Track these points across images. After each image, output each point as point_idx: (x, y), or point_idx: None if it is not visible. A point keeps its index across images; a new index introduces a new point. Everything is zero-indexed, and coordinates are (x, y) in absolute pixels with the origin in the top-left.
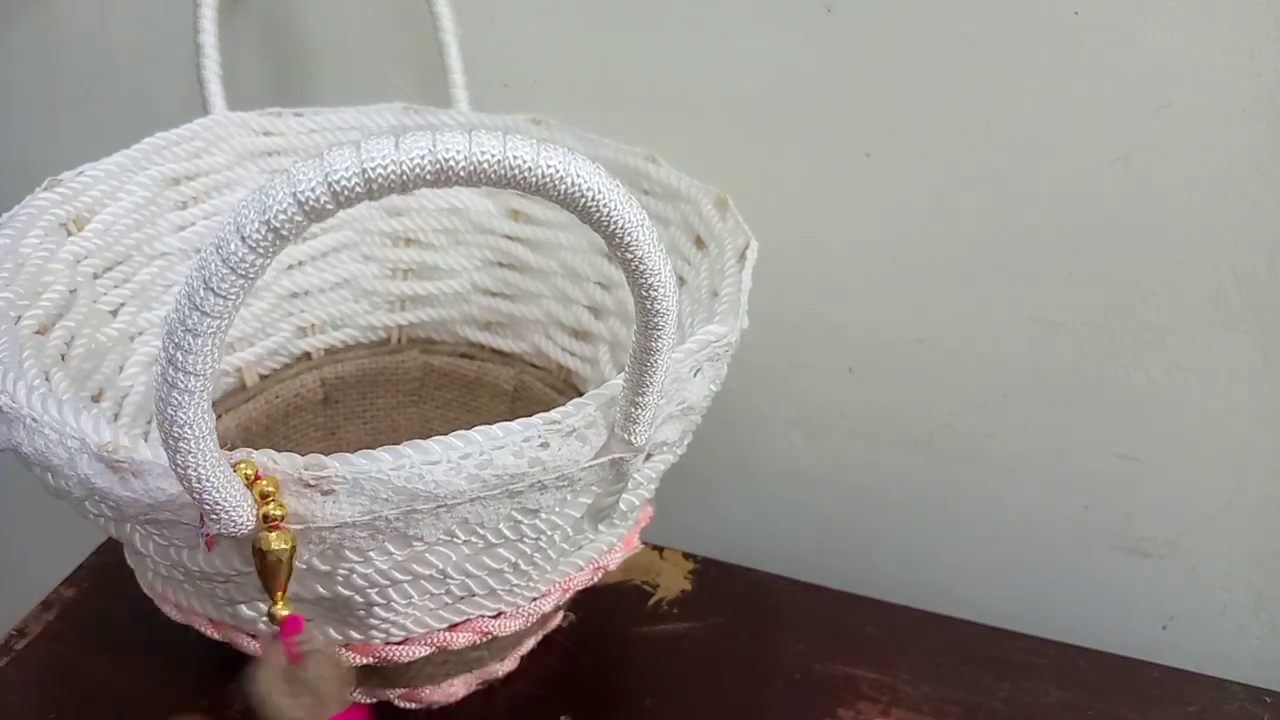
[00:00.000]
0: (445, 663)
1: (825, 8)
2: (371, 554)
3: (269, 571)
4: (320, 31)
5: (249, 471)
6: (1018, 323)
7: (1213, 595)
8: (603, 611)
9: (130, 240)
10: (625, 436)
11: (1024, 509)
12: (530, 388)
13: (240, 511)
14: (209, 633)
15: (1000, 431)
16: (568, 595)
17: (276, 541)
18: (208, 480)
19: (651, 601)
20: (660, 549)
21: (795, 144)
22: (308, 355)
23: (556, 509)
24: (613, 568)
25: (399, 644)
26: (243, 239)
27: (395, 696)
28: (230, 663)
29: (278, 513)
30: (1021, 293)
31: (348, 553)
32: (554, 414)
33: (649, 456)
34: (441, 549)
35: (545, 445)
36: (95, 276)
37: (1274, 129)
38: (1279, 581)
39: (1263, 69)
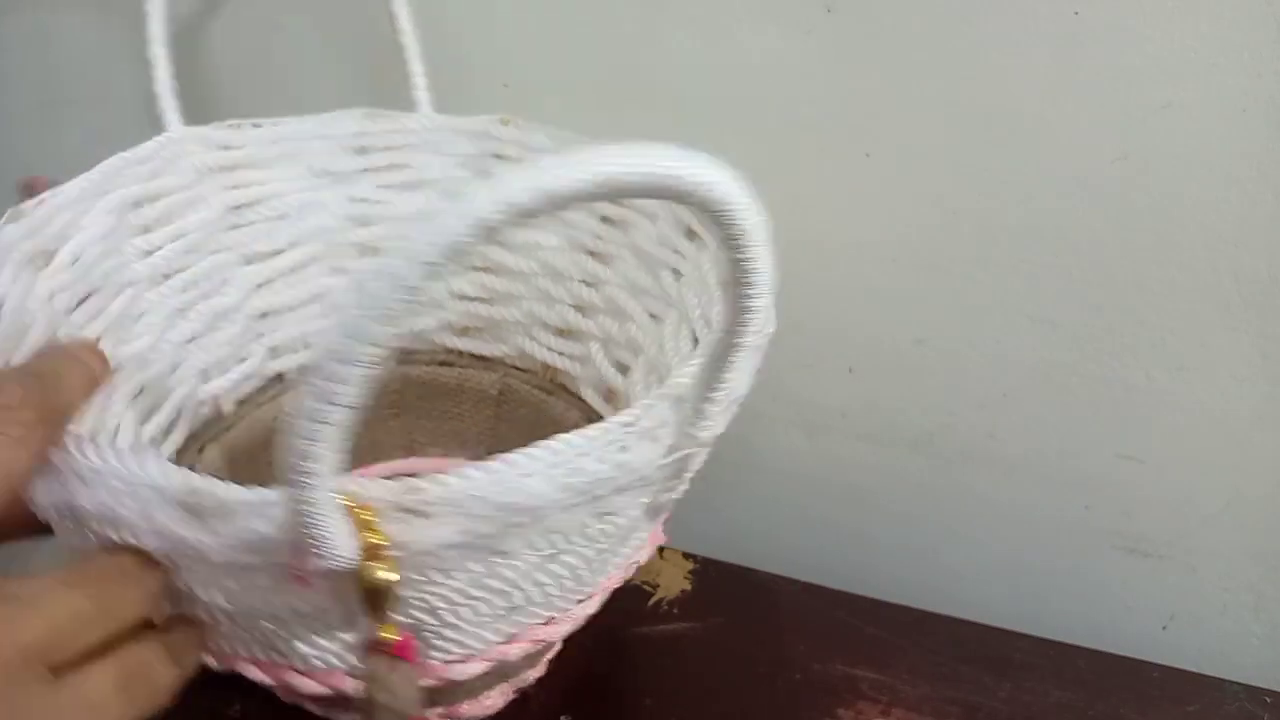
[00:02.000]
0: (487, 674)
1: (825, 8)
2: (454, 573)
3: (376, 602)
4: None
5: (348, 502)
6: (1018, 323)
7: (1213, 595)
8: (603, 611)
9: (99, 271)
10: (694, 432)
11: (1024, 509)
12: (516, 391)
13: (347, 544)
14: (255, 676)
15: (1000, 431)
16: (607, 595)
17: (384, 571)
18: (320, 514)
19: (651, 601)
20: (660, 549)
21: (795, 144)
22: (281, 376)
23: (624, 510)
24: (644, 562)
25: (459, 662)
26: (412, 265)
27: (436, 715)
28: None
29: (381, 542)
30: (1021, 293)
31: (433, 574)
32: (627, 416)
33: None
34: (515, 560)
35: (624, 449)
36: (69, 312)
37: (1274, 129)
38: (1279, 581)
39: (1263, 69)
